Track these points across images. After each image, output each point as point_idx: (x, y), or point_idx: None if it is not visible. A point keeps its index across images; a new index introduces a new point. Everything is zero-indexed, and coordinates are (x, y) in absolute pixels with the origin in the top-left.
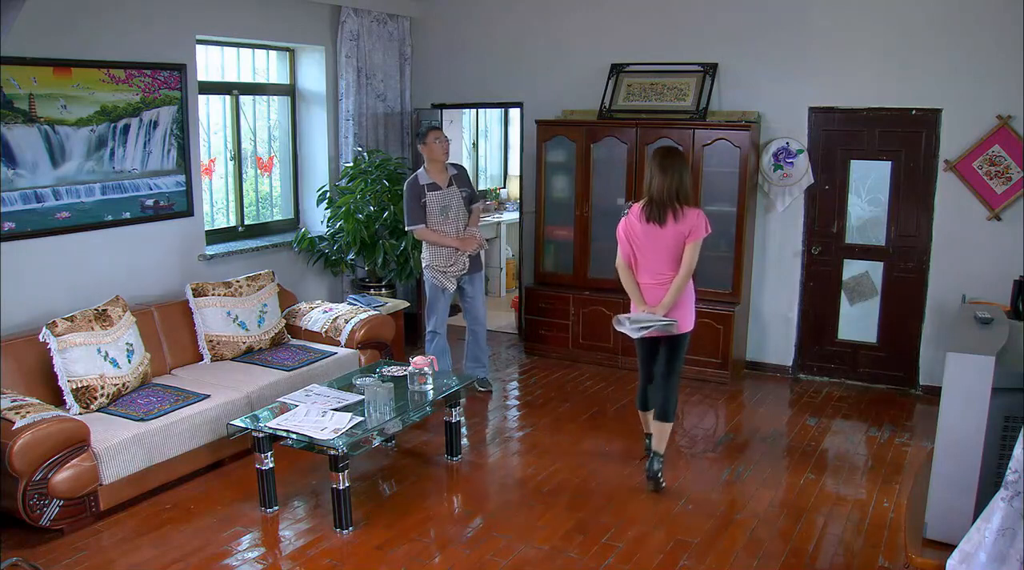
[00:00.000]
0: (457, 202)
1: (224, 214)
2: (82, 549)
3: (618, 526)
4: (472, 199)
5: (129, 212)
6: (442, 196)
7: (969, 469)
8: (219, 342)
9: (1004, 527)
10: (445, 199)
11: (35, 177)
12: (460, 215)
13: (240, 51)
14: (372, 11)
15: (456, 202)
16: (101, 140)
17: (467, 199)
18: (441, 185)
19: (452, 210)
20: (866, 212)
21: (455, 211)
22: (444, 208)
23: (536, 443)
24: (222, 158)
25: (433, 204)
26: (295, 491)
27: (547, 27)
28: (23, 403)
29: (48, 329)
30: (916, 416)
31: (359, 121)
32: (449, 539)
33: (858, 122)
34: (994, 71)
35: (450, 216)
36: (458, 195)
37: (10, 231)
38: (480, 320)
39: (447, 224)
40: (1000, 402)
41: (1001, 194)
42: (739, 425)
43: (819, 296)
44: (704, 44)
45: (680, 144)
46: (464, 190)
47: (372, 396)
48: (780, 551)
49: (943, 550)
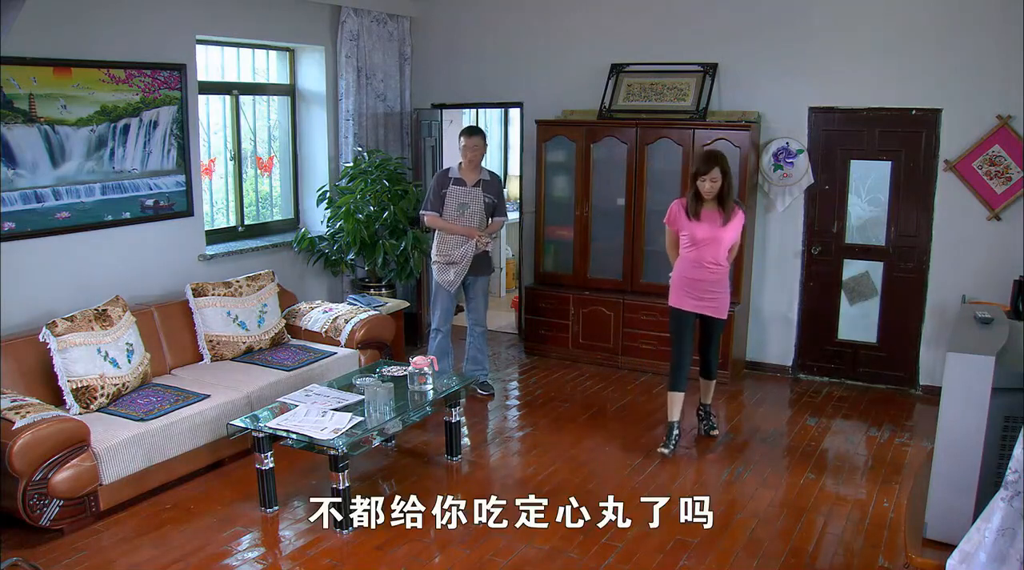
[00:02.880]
0: (478, 204)
1: (224, 214)
2: (82, 549)
3: (618, 526)
4: (495, 210)
5: (129, 212)
6: (464, 193)
7: (969, 469)
8: (219, 342)
9: (1004, 527)
10: (466, 197)
11: (35, 177)
12: (477, 218)
13: (240, 51)
14: (372, 11)
15: (477, 204)
16: (101, 140)
17: (489, 206)
18: (468, 182)
19: (470, 209)
20: (866, 212)
21: (473, 211)
22: (462, 205)
23: (536, 443)
24: (222, 158)
25: (452, 198)
26: (295, 491)
27: (547, 27)
28: (23, 403)
29: (48, 329)
30: (916, 416)
31: (359, 121)
32: (449, 539)
33: (858, 122)
34: (994, 71)
35: (466, 214)
36: (481, 198)
37: (10, 231)
38: (480, 321)
39: (461, 221)
40: (1000, 402)
41: (1001, 194)
42: (739, 425)
43: (819, 296)
44: (704, 44)
45: (680, 144)
46: (489, 197)
47: (372, 396)
48: (780, 551)
49: (943, 550)
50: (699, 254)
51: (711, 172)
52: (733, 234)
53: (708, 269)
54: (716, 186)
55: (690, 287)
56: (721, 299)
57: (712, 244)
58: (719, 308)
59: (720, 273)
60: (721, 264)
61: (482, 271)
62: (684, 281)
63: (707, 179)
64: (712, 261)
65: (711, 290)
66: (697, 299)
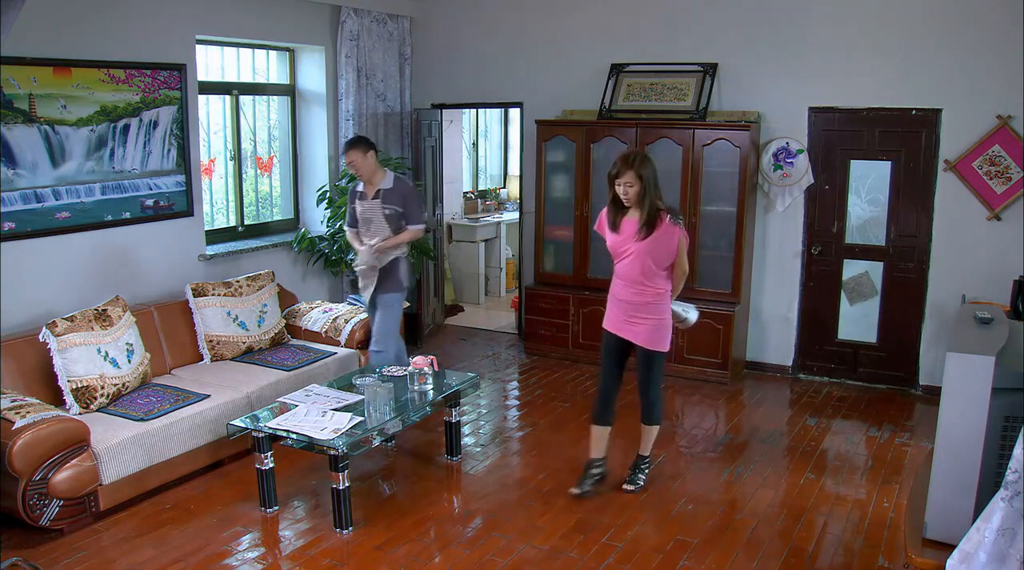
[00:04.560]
0: (378, 217)
1: (224, 214)
2: (82, 549)
3: (618, 526)
4: (407, 219)
5: (129, 212)
6: (365, 207)
7: (969, 469)
8: (219, 342)
9: (1004, 527)
10: (368, 211)
11: (35, 177)
12: (380, 230)
13: (240, 51)
14: (372, 11)
15: (377, 217)
16: (101, 140)
17: (392, 217)
18: (368, 195)
19: (373, 223)
20: (866, 212)
21: (375, 225)
22: (366, 220)
23: (536, 443)
24: (222, 158)
25: (359, 213)
26: (295, 491)
27: (547, 27)
28: (23, 403)
29: (48, 329)
30: (916, 416)
31: (359, 121)
32: (449, 539)
33: (858, 122)
34: (994, 71)
35: (372, 229)
36: (380, 210)
37: (10, 231)
38: (378, 338)
39: (367, 235)
40: (1000, 402)
41: (1001, 194)
42: (739, 425)
43: (819, 296)
44: (704, 44)
45: (680, 144)
46: (389, 207)
47: (372, 396)
48: (780, 551)
49: (943, 550)
50: (619, 269)
51: (624, 175)
52: (658, 250)
53: (632, 289)
54: (632, 192)
55: (615, 306)
56: (648, 326)
57: (629, 259)
58: (645, 337)
59: (647, 296)
60: (647, 284)
61: (387, 289)
62: (610, 299)
63: (621, 183)
64: (633, 280)
65: (635, 315)
66: (621, 321)
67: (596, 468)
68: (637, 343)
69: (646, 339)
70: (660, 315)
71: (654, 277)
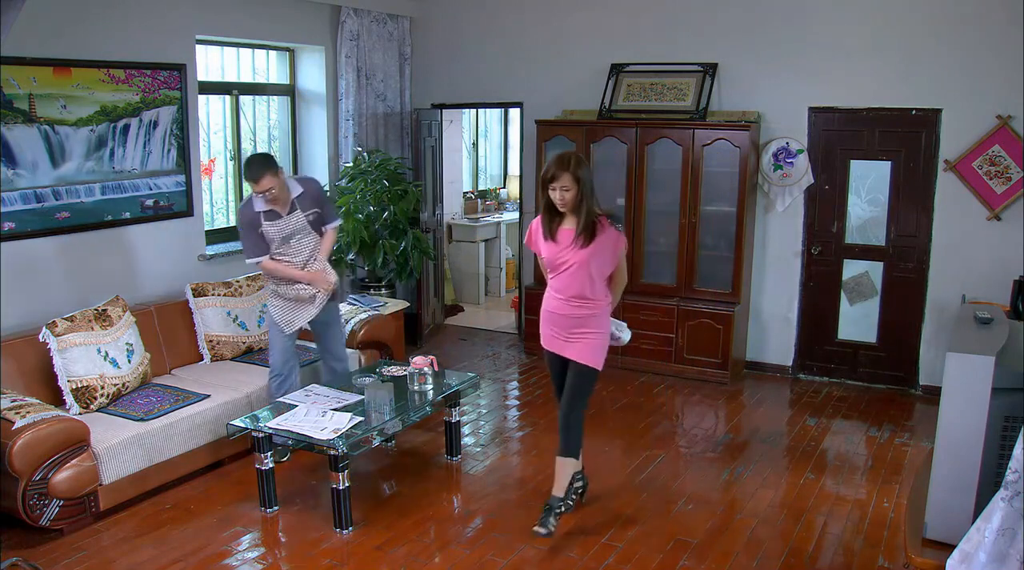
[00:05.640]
0: (303, 227)
1: (224, 214)
2: (82, 549)
3: (618, 526)
4: (324, 220)
5: (129, 212)
6: (283, 224)
7: (969, 469)
8: (219, 342)
9: (1004, 527)
10: (287, 227)
11: (35, 177)
12: (311, 242)
13: (240, 51)
14: (372, 11)
15: (302, 227)
16: (101, 140)
17: (316, 222)
18: (282, 212)
19: (298, 237)
20: (866, 212)
21: (302, 238)
22: (286, 237)
23: (536, 443)
24: (222, 158)
25: (273, 234)
26: (295, 491)
27: (547, 27)
28: (23, 403)
29: (48, 329)
30: (916, 416)
31: (359, 121)
32: (449, 539)
33: (858, 122)
34: (994, 71)
35: (298, 244)
36: (303, 219)
37: (10, 231)
38: (338, 354)
39: (291, 255)
40: (1000, 402)
41: (1001, 194)
42: (739, 425)
43: (819, 296)
44: (704, 44)
45: (680, 144)
46: (310, 213)
47: (372, 396)
48: (780, 551)
49: (943, 550)
50: (556, 283)
51: (561, 178)
52: (600, 258)
53: (569, 303)
54: (569, 197)
55: (551, 323)
56: (588, 341)
57: (571, 270)
58: (581, 352)
59: (587, 308)
60: (587, 297)
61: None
62: (545, 315)
63: (556, 187)
64: (574, 293)
65: (575, 330)
66: (559, 338)
67: (561, 506)
68: (572, 358)
69: (582, 354)
70: (600, 328)
71: (595, 288)
